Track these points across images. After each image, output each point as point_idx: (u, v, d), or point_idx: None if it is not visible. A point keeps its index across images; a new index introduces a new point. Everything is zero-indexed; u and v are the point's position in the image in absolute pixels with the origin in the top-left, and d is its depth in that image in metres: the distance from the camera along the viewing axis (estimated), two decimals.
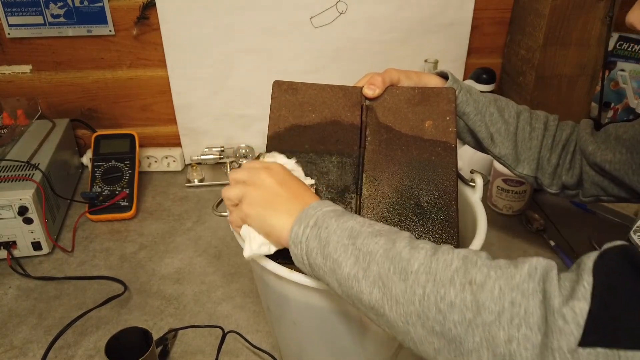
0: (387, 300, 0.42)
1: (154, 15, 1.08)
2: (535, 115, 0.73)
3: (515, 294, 0.37)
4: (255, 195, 0.52)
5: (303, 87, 0.66)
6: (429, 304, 0.40)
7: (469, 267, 0.40)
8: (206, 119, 1.20)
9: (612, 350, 0.33)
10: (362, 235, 0.46)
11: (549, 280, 0.37)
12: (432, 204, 0.61)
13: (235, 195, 0.54)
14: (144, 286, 0.87)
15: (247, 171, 0.55)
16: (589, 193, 0.74)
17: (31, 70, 1.13)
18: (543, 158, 0.73)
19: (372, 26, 1.14)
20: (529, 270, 0.38)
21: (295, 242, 0.48)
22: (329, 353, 0.62)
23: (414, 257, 0.42)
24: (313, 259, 0.47)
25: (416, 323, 0.41)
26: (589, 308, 0.34)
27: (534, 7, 1.08)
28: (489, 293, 0.38)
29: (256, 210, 0.52)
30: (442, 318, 0.39)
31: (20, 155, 0.99)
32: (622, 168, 0.67)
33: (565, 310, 0.35)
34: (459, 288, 0.39)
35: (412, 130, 0.64)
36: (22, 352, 0.75)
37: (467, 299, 0.39)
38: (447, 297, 0.39)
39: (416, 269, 0.41)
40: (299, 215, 0.49)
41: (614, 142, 0.68)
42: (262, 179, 0.53)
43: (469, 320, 0.38)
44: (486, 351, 0.38)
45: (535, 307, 0.36)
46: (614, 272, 0.36)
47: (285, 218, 0.50)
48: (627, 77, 1.19)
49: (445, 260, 0.41)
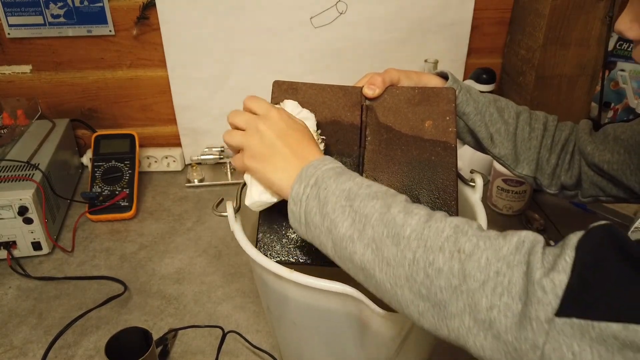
0: (378, 262, 0.44)
1: (154, 15, 1.08)
2: (534, 116, 0.73)
3: (501, 264, 0.39)
4: (253, 148, 0.52)
5: (303, 87, 0.66)
6: (418, 269, 0.42)
7: (459, 236, 0.41)
8: (206, 119, 1.20)
9: (586, 321, 0.34)
10: (359, 197, 0.46)
11: (533, 253, 0.38)
12: (432, 204, 0.61)
13: (235, 144, 0.54)
14: (144, 286, 0.87)
15: (245, 117, 0.54)
16: (588, 193, 0.74)
17: (31, 70, 1.13)
18: (542, 158, 0.73)
19: (372, 26, 1.14)
20: (517, 243, 0.40)
21: (295, 200, 0.49)
22: (329, 353, 0.62)
23: (407, 222, 0.43)
24: (311, 218, 0.48)
25: (404, 286, 0.42)
26: (568, 280, 0.36)
27: (534, 7, 1.08)
28: (476, 262, 0.39)
29: (255, 166, 0.52)
30: (429, 283, 0.41)
31: (20, 155, 0.99)
32: (620, 168, 0.67)
33: (545, 281, 0.36)
34: (448, 256, 0.41)
35: (412, 130, 0.64)
36: (22, 352, 0.75)
37: (455, 267, 0.40)
38: (435, 263, 0.41)
39: (408, 235, 0.43)
40: (300, 174, 0.49)
41: (612, 142, 0.69)
42: (260, 130, 0.52)
43: (455, 286, 0.40)
44: (468, 316, 0.39)
45: (518, 277, 0.38)
46: (596, 248, 0.37)
47: (283, 175, 0.51)
48: (627, 77, 1.19)
49: (437, 227, 0.42)
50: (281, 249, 0.59)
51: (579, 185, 0.74)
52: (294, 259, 0.59)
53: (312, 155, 0.52)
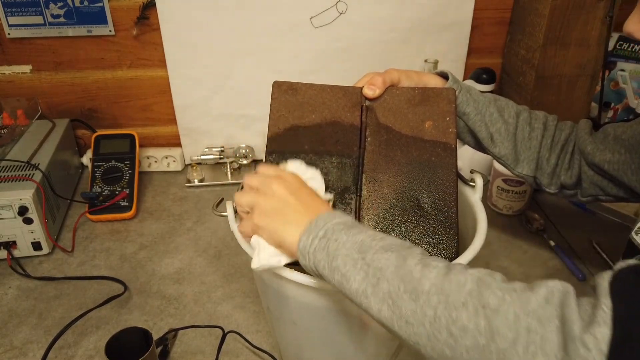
0: (396, 319, 0.41)
1: (154, 15, 1.08)
2: (534, 115, 0.73)
3: (531, 319, 0.36)
4: (265, 205, 0.52)
5: (303, 87, 0.66)
6: (440, 327, 0.39)
7: (482, 290, 0.39)
8: (206, 119, 1.20)
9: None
10: (372, 249, 0.44)
11: (567, 306, 0.36)
12: (431, 204, 0.61)
13: (246, 202, 0.54)
14: (144, 286, 0.87)
15: (260, 179, 0.54)
16: (588, 193, 0.74)
17: (31, 71, 1.13)
18: (542, 158, 0.73)
19: (372, 26, 1.14)
20: (546, 294, 0.37)
21: (303, 252, 0.48)
22: (329, 353, 0.62)
23: (426, 276, 0.41)
24: (321, 271, 0.47)
25: (426, 345, 0.40)
26: (611, 334, 0.33)
27: (534, 7, 1.08)
28: (504, 318, 0.37)
29: (266, 221, 0.51)
30: (453, 342, 0.38)
31: (20, 155, 0.99)
32: (621, 168, 0.67)
33: (586, 337, 0.33)
34: (472, 312, 0.38)
35: (412, 130, 0.64)
36: (22, 352, 0.75)
37: (481, 324, 0.37)
38: (459, 320, 0.38)
39: (427, 289, 0.40)
40: (308, 226, 0.48)
41: (613, 142, 0.69)
42: (273, 188, 0.52)
43: (482, 346, 0.37)
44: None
45: (552, 333, 0.35)
46: (633, 294, 0.35)
47: (295, 229, 0.49)
48: (627, 77, 1.19)
49: (458, 281, 0.40)
50: None
51: (579, 185, 0.74)
52: (294, 259, 0.59)
53: (323, 210, 0.50)
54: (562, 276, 0.90)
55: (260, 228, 0.52)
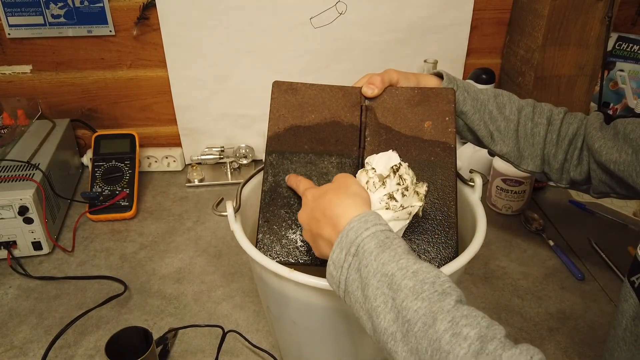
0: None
1: (154, 16, 1.09)
2: (538, 110, 0.71)
3: None
4: None
5: (303, 87, 0.66)
6: None
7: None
8: (206, 119, 1.20)
9: None
10: (402, 291, 0.42)
11: None
12: (431, 204, 0.61)
13: None
14: (144, 286, 0.88)
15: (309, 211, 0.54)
16: (598, 190, 0.72)
17: (31, 71, 1.13)
18: (548, 154, 0.71)
19: (372, 26, 1.14)
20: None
21: (337, 265, 0.47)
22: (329, 353, 0.63)
23: (454, 351, 0.38)
24: (353, 290, 0.46)
25: None
26: None
27: (533, 8, 1.09)
28: None
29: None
30: None
31: (21, 155, 1.00)
32: (627, 169, 0.64)
33: None
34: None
35: (412, 130, 0.64)
36: (22, 351, 0.75)
37: None
38: None
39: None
40: (340, 237, 0.48)
41: (622, 140, 0.65)
42: None
43: None
44: None
45: None
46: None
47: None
48: (626, 77, 1.19)
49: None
50: (281, 250, 0.60)
51: (589, 181, 0.72)
52: (294, 260, 0.59)
53: (355, 209, 0.49)
54: (561, 275, 0.90)
55: None
